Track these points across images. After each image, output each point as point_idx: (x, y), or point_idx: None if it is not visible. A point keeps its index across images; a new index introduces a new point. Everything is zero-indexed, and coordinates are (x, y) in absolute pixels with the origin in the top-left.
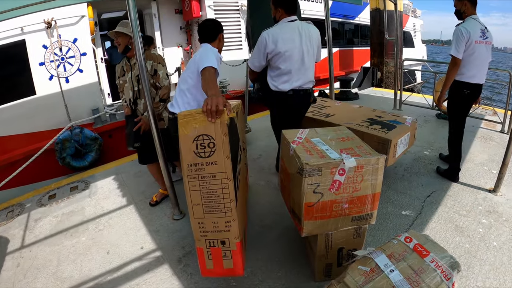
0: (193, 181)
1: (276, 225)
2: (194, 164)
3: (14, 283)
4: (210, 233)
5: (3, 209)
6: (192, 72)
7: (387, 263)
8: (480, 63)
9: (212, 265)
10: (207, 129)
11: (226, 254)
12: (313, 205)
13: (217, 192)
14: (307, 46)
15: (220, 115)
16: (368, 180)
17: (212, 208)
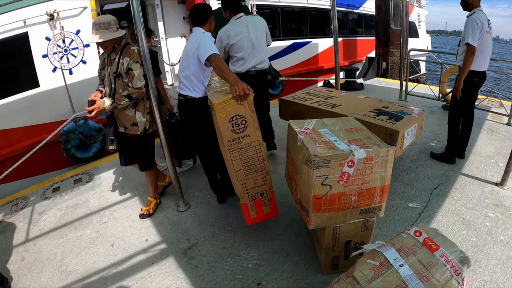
0: (234, 153)
1: (282, 217)
2: (232, 140)
3: (19, 277)
4: (251, 189)
5: (8, 203)
6: (194, 59)
7: (396, 257)
8: (488, 53)
9: (255, 214)
10: (238, 111)
11: (265, 203)
12: (321, 198)
13: (253, 157)
14: (255, 34)
15: (246, 98)
16: (377, 172)
17: (251, 170)
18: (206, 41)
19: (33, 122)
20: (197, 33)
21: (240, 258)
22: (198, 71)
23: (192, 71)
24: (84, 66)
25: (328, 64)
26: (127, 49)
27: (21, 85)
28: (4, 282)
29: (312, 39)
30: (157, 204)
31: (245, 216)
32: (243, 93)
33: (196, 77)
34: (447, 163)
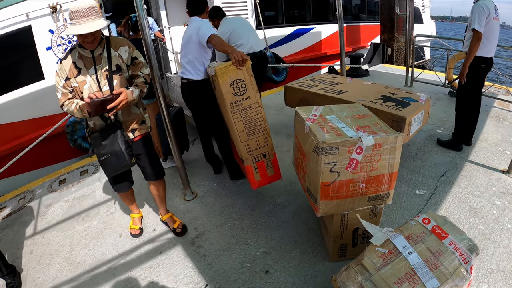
0: (236, 114)
1: (289, 204)
2: (234, 102)
3: (28, 270)
4: (254, 150)
5: (15, 197)
6: (195, 44)
7: (405, 245)
8: (494, 39)
9: (260, 177)
10: (238, 75)
11: (268, 164)
12: (329, 185)
13: (254, 118)
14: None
15: (245, 63)
16: (386, 159)
17: (253, 131)
18: (204, 25)
19: (39, 114)
20: (194, 21)
21: (248, 246)
22: (200, 55)
23: (194, 56)
24: None
25: (332, 50)
26: (114, 40)
27: (26, 78)
28: (16, 275)
29: (315, 26)
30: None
31: (250, 180)
32: (241, 58)
33: (198, 61)
34: (454, 150)
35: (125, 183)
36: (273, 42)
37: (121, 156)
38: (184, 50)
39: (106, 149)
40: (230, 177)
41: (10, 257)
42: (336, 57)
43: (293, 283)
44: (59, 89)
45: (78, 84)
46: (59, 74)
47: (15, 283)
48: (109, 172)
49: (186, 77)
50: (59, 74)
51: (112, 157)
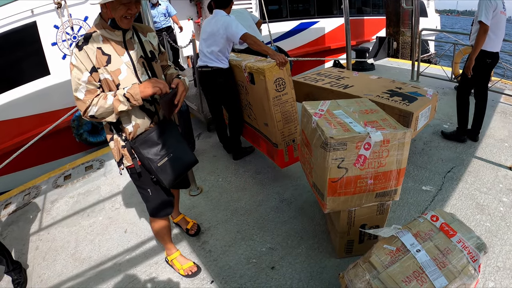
0: (276, 107)
1: (295, 199)
2: (275, 97)
3: (33, 266)
4: (287, 136)
5: (20, 193)
6: (222, 38)
7: (413, 243)
8: (501, 33)
9: (288, 158)
10: (280, 74)
11: (295, 148)
12: (337, 181)
13: (289, 110)
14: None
15: (285, 65)
16: (394, 155)
17: (287, 121)
18: (234, 23)
19: (45, 109)
20: (220, 15)
21: (254, 242)
22: (225, 47)
23: (219, 48)
24: None
25: (335, 44)
26: (139, 25)
27: (32, 74)
28: (22, 271)
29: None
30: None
31: (279, 162)
32: (283, 61)
33: (223, 52)
34: (457, 142)
35: (171, 199)
36: (278, 36)
37: (188, 151)
38: (208, 41)
39: (165, 149)
40: (233, 157)
41: (16, 253)
42: (340, 50)
43: (299, 279)
44: (81, 85)
45: (111, 75)
46: (79, 66)
47: (21, 279)
48: (175, 174)
49: (211, 65)
50: (79, 66)
51: (176, 156)
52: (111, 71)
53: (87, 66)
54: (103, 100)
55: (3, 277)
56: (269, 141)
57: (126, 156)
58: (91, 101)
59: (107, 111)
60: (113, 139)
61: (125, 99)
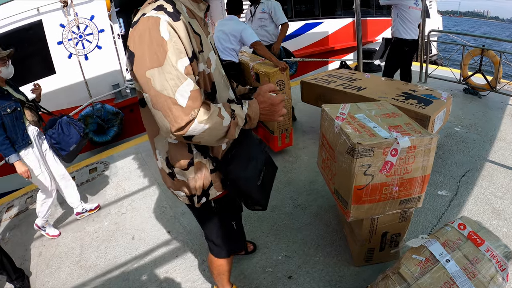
0: None
1: (310, 205)
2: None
3: (37, 273)
4: (281, 126)
5: (22, 195)
6: (236, 38)
7: (442, 252)
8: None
9: (281, 144)
10: (281, 77)
11: (287, 136)
12: (362, 188)
13: (286, 106)
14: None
15: (286, 70)
16: (420, 161)
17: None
18: (249, 30)
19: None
20: (234, 20)
21: (269, 250)
22: (237, 46)
23: (233, 46)
24: (100, 51)
25: (340, 45)
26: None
27: (37, 73)
28: (25, 279)
29: (324, 20)
30: None
31: (274, 146)
32: (284, 67)
33: (235, 50)
34: None
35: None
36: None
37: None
38: (223, 38)
39: (259, 160)
40: None
41: (18, 260)
42: (344, 51)
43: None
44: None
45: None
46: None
47: (24, 287)
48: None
49: (225, 59)
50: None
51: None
52: (205, 59)
53: (187, 47)
54: (218, 118)
55: (5, 284)
56: (266, 128)
57: (217, 184)
58: (197, 111)
59: (216, 136)
60: (195, 164)
61: (244, 122)
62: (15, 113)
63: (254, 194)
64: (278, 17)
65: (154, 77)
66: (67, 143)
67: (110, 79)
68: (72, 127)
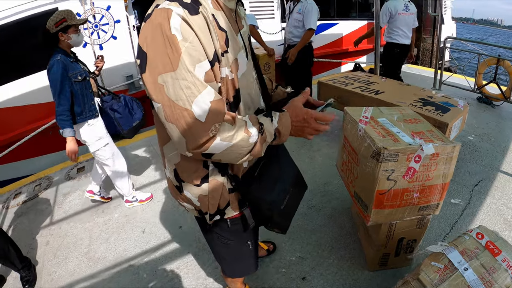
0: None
1: (324, 206)
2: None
3: (43, 262)
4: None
5: (31, 183)
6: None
7: (460, 261)
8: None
9: None
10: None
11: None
12: (384, 193)
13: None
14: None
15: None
16: (441, 169)
17: None
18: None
19: None
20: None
21: (283, 251)
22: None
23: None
24: (115, 42)
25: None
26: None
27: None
28: (31, 268)
29: (339, 21)
30: None
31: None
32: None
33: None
34: None
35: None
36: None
37: (302, 177)
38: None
39: (287, 182)
40: None
41: (25, 248)
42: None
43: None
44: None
45: (231, 70)
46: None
47: (30, 277)
48: (293, 215)
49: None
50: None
51: (298, 189)
52: (231, 62)
53: (207, 48)
54: (245, 135)
55: (11, 273)
56: None
57: (234, 205)
58: (219, 126)
59: (240, 154)
60: (209, 181)
61: (273, 138)
62: (84, 82)
63: (276, 218)
64: (307, 20)
65: (168, 84)
66: (131, 118)
67: (123, 70)
68: (135, 103)
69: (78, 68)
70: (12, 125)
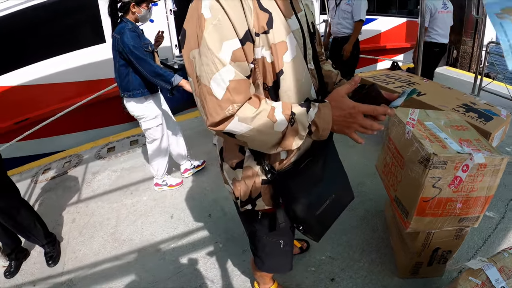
0: None
1: (357, 207)
2: None
3: (68, 239)
4: None
5: (61, 159)
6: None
7: (498, 278)
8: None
9: None
10: None
11: None
12: (428, 201)
13: None
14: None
15: None
16: (487, 181)
17: None
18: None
19: (97, 76)
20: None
21: (313, 249)
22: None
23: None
24: (151, 25)
25: (391, 44)
26: None
27: (87, 40)
28: (56, 244)
29: (379, 17)
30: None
31: None
32: None
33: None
34: None
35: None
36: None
37: (349, 186)
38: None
39: (329, 187)
40: None
41: (51, 223)
42: (394, 51)
43: None
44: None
45: (271, 52)
46: (224, 24)
47: (54, 253)
48: (330, 224)
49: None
50: (224, 23)
51: (339, 197)
52: (273, 43)
53: (238, 26)
54: (268, 121)
55: (35, 246)
56: None
57: (266, 197)
58: (238, 108)
59: (266, 142)
60: (244, 168)
61: (307, 131)
62: (150, 54)
63: (309, 222)
64: (357, 11)
65: (195, 59)
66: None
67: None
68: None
69: (147, 39)
70: (47, 101)
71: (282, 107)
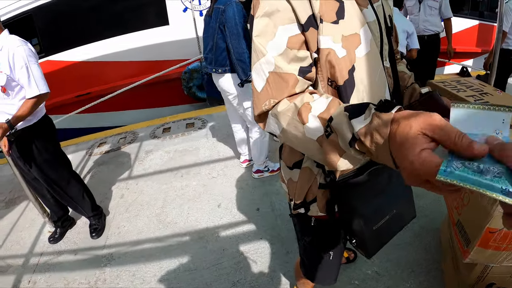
0: None
1: (412, 222)
2: None
3: (114, 214)
4: None
5: (116, 134)
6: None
7: None
8: None
9: None
10: None
11: None
12: (495, 232)
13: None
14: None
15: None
16: None
17: None
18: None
19: (159, 57)
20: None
21: (359, 261)
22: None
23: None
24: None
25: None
26: None
27: (151, 22)
28: (101, 218)
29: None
30: None
31: None
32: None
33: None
34: None
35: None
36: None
37: (412, 203)
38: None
39: (390, 202)
40: None
41: (99, 196)
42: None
43: None
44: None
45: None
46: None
47: (99, 226)
48: (387, 241)
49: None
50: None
51: (399, 213)
52: (345, 36)
53: (300, 10)
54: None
55: (81, 217)
56: None
57: (321, 203)
58: (275, 104)
59: (307, 149)
60: (302, 168)
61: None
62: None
63: (364, 236)
64: (447, 9)
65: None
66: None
67: None
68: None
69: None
70: (109, 78)
71: (329, 105)
